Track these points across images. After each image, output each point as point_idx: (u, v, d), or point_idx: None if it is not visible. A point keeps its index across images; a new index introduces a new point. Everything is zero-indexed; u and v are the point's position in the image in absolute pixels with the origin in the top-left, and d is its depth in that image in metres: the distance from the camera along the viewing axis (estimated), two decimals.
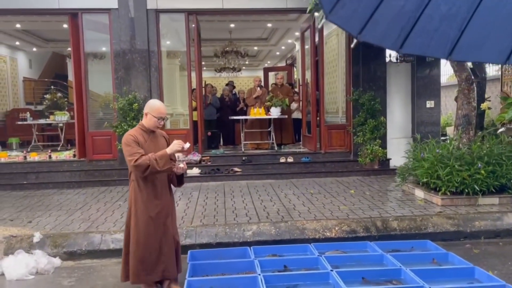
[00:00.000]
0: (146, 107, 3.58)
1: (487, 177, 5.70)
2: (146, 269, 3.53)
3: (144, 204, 3.51)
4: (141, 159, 3.35)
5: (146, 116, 3.57)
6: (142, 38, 8.29)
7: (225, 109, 11.00)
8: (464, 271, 3.80)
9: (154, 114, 3.54)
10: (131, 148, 3.41)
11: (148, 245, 3.53)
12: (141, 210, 3.52)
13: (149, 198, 3.53)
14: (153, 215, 3.53)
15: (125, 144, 3.45)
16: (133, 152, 3.39)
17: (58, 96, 13.17)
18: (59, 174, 8.20)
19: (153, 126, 3.59)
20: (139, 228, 3.51)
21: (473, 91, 6.32)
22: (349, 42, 8.71)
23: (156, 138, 3.66)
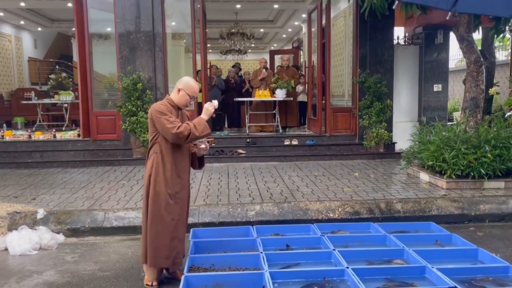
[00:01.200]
0: (180, 83, 3.37)
1: (493, 160, 5.63)
2: (160, 256, 3.33)
3: (165, 180, 3.31)
4: (182, 127, 3.19)
5: (179, 92, 3.36)
6: (147, 18, 8.20)
7: (230, 91, 10.93)
8: (468, 252, 3.78)
9: (189, 92, 3.36)
10: (169, 117, 3.23)
11: (164, 225, 3.32)
12: (160, 186, 3.31)
13: (172, 174, 3.33)
14: (173, 193, 3.34)
15: (160, 112, 3.23)
16: (172, 120, 3.22)
17: (63, 76, 13.14)
18: (64, 153, 8.22)
19: (184, 104, 3.40)
20: (156, 205, 3.31)
21: (481, 73, 6.21)
22: (357, 23, 8.57)
23: (183, 116, 3.48)
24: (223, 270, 3.52)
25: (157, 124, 3.25)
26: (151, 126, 3.34)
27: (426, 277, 3.31)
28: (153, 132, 3.35)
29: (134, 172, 7.29)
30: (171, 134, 3.20)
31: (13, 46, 13.91)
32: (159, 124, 3.24)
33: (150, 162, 3.36)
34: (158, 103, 3.36)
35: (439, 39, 8.96)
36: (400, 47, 9.16)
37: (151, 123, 3.32)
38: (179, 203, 3.39)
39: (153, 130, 3.34)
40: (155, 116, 3.25)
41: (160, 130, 3.25)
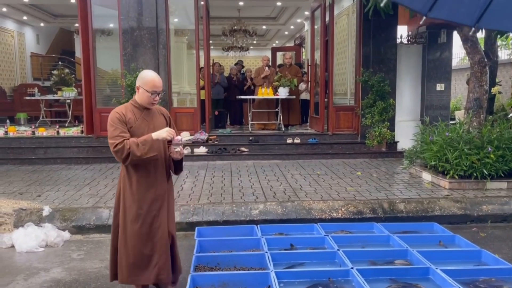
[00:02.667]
0: (137, 80, 3.00)
1: (496, 161, 5.67)
2: (136, 274, 3.06)
3: (133, 196, 2.99)
4: (121, 145, 2.81)
5: (138, 90, 2.98)
6: (150, 15, 8.21)
7: (233, 88, 10.94)
8: (471, 253, 3.80)
9: (146, 87, 2.94)
10: (114, 130, 2.86)
11: (137, 247, 3.02)
12: (129, 203, 3.00)
13: (139, 189, 2.99)
14: (144, 210, 3.01)
15: (109, 123, 2.90)
16: (115, 134, 2.84)
17: (66, 72, 13.14)
18: (67, 149, 8.25)
19: (147, 103, 2.99)
20: (126, 226, 3.01)
21: (485, 74, 6.23)
22: (360, 22, 8.57)
23: (151, 116, 3.06)
24: (228, 269, 3.55)
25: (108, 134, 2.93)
26: None
27: (430, 278, 3.34)
28: None
29: None
30: (112, 150, 2.87)
31: (15, 42, 13.91)
32: (108, 135, 2.91)
33: (120, 175, 3.11)
34: (116, 109, 2.99)
35: (443, 39, 8.97)
36: (403, 46, 9.17)
37: None
38: (153, 216, 3.05)
39: None
40: (108, 127, 2.92)
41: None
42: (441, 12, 2.02)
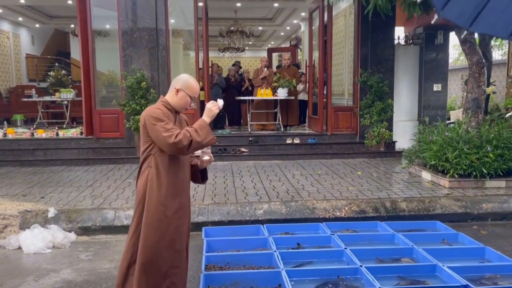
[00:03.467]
0: (177, 82, 2.83)
1: (495, 160, 5.76)
2: (150, 281, 2.79)
3: (160, 199, 2.75)
4: (181, 134, 2.63)
5: (177, 93, 2.80)
6: (150, 16, 8.22)
7: (231, 89, 10.98)
8: (475, 251, 3.88)
9: (189, 92, 2.81)
10: (166, 124, 2.66)
11: (158, 252, 2.77)
12: (155, 206, 2.75)
13: (168, 192, 2.78)
14: (170, 214, 2.79)
15: (156, 118, 2.67)
16: (169, 127, 2.65)
17: (62, 74, 13.09)
18: (67, 151, 8.24)
19: (183, 107, 2.84)
20: (149, 229, 2.74)
21: (483, 75, 6.34)
22: (358, 23, 8.66)
23: (181, 121, 2.94)
24: (238, 268, 3.59)
25: (152, 132, 2.69)
26: (144, 135, 2.76)
27: (437, 275, 3.41)
28: (146, 142, 2.78)
29: None
30: (168, 145, 2.64)
31: (11, 43, 13.84)
32: (153, 132, 2.68)
33: (143, 178, 2.78)
34: (152, 106, 2.81)
35: (439, 40, 9.08)
36: (401, 47, 9.28)
37: (144, 131, 2.75)
38: (177, 225, 2.85)
39: (146, 139, 2.77)
40: (149, 123, 2.69)
41: (155, 139, 2.70)
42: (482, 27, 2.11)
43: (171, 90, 2.85)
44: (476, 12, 2.10)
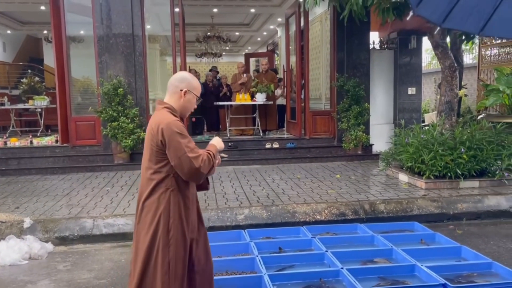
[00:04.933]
0: (182, 82, 2.47)
1: (468, 161, 5.92)
2: None
3: (187, 225, 2.42)
4: (206, 157, 2.35)
5: (185, 96, 2.45)
6: (126, 22, 8.14)
7: (209, 94, 10.95)
8: (452, 250, 3.98)
9: (196, 92, 2.51)
10: (189, 141, 2.32)
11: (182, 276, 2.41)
12: (183, 232, 2.40)
13: (192, 216, 2.49)
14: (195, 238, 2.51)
15: (180, 134, 2.31)
16: (193, 146, 2.34)
17: (36, 81, 12.80)
18: (42, 159, 8.05)
19: (189, 111, 2.53)
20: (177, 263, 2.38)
21: (455, 78, 6.52)
22: (334, 28, 8.78)
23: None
24: (220, 274, 3.58)
25: (174, 150, 2.30)
26: (159, 151, 2.36)
27: (416, 275, 3.49)
28: (161, 160, 2.37)
29: (117, 178, 7.23)
30: (191, 169, 2.30)
31: None
32: (176, 151, 2.29)
33: (161, 202, 2.37)
34: (166, 116, 2.38)
35: (413, 44, 9.30)
36: (376, 52, 9.45)
37: (159, 146, 2.34)
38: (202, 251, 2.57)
39: (161, 156, 2.36)
40: (173, 139, 2.29)
41: (175, 158, 2.30)
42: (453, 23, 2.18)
43: (174, 92, 2.47)
44: (448, 9, 2.18)
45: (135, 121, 7.81)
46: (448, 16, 2.18)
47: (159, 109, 2.46)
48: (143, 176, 2.46)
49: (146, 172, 2.43)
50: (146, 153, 2.45)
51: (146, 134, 2.45)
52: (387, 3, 6.24)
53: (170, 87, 2.50)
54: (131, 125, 7.67)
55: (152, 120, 2.43)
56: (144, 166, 2.45)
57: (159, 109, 2.46)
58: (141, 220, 2.42)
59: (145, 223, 2.39)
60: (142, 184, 2.45)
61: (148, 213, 2.39)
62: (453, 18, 2.17)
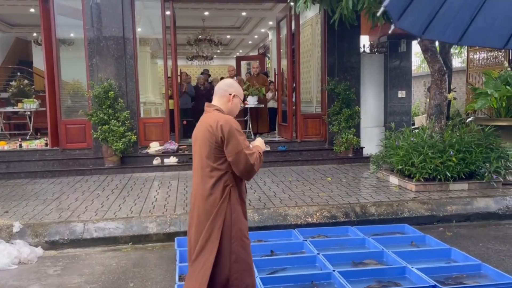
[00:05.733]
0: (231, 87, 2.65)
1: (457, 164, 5.98)
2: None
3: (241, 216, 2.56)
4: (259, 154, 2.53)
5: (232, 100, 2.63)
6: (117, 25, 8.11)
7: (200, 97, 10.94)
8: (442, 252, 4.03)
9: (241, 97, 2.69)
10: (245, 139, 2.50)
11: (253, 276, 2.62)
12: (244, 229, 2.57)
13: (244, 208, 2.63)
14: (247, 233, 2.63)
15: (239, 131, 2.48)
16: (248, 144, 2.52)
17: (25, 83, 12.68)
18: (31, 163, 7.98)
19: (235, 113, 2.68)
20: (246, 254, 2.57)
21: (445, 81, 6.59)
22: (325, 32, 8.84)
23: None
24: None
25: (233, 146, 2.43)
26: (218, 147, 2.46)
27: (406, 277, 3.52)
28: (221, 156, 2.48)
29: (108, 181, 7.19)
30: (247, 165, 2.44)
31: None
32: (235, 147, 2.43)
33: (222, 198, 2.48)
34: (222, 115, 2.56)
35: (402, 48, 9.39)
36: (366, 55, 9.53)
37: (218, 143, 2.45)
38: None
39: (219, 154, 2.47)
40: (233, 136, 2.43)
41: (232, 155, 2.43)
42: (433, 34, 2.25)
43: (222, 96, 2.63)
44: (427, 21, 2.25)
45: (126, 124, 7.78)
46: (428, 28, 2.26)
47: (210, 111, 2.60)
48: (198, 175, 2.57)
49: (203, 171, 2.53)
50: (202, 152, 2.53)
51: (201, 133, 2.53)
52: (377, 7, 6.29)
53: (218, 91, 2.66)
54: (122, 128, 7.64)
55: (206, 120, 2.54)
56: (200, 165, 2.55)
57: (210, 111, 2.60)
58: (201, 217, 2.51)
59: (206, 220, 2.48)
60: (198, 182, 2.56)
61: (209, 210, 2.49)
62: (433, 30, 2.25)
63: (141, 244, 4.80)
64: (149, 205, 5.60)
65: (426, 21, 2.25)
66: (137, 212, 5.26)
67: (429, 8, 2.22)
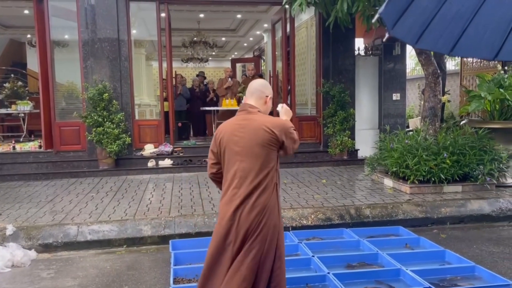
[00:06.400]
0: (267, 89, 2.73)
1: (451, 166, 6.01)
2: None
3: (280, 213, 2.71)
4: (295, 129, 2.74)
5: (268, 101, 2.73)
6: (112, 27, 8.09)
7: (195, 100, 10.96)
8: (436, 254, 4.04)
9: (272, 96, 2.80)
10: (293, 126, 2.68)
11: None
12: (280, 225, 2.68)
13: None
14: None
15: (292, 127, 2.66)
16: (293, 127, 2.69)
17: (19, 85, 12.61)
18: (25, 165, 7.93)
19: (267, 114, 2.77)
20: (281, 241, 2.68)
21: (439, 84, 6.63)
22: (320, 35, 8.87)
23: None
24: None
25: (290, 140, 2.60)
26: (272, 150, 2.56)
27: (401, 279, 3.53)
28: (273, 159, 2.59)
29: (102, 184, 7.16)
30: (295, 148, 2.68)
31: None
32: (291, 140, 2.62)
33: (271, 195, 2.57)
34: (277, 118, 2.70)
35: (397, 51, 9.43)
36: (361, 58, 9.56)
37: (277, 144, 2.57)
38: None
39: (273, 154, 2.58)
40: (289, 132, 2.60)
41: (290, 145, 2.61)
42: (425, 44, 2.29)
43: (260, 98, 2.70)
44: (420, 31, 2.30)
45: (120, 127, 7.75)
46: (421, 37, 2.31)
47: (255, 112, 2.65)
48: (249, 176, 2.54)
49: (255, 173, 2.53)
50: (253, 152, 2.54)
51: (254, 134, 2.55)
52: (372, 11, 6.33)
53: (256, 92, 2.71)
54: (117, 131, 7.62)
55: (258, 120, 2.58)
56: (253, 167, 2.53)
57: (255, 112, 2.65)
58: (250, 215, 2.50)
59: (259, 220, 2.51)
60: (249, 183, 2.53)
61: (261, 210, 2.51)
62: (425, 40, 2.31)
63: (136, 246, 4.78)
64: (143, 208, 5.58)
65: (419, 31, 2.28)
66: (132, 215, 5.24)
67: (423, 18, 2.25)
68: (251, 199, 2.51)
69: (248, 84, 8.93)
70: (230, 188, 2.58)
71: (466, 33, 2.21)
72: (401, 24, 2.28)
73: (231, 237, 2.54)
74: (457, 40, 2.24)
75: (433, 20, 2.22)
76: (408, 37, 2.38)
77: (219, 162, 2.71)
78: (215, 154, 2.72)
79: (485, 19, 2.18)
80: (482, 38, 2.21)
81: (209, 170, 2.80)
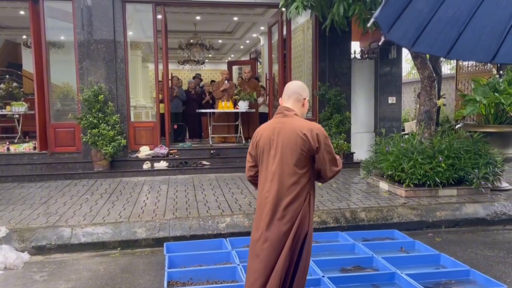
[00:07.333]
0: (304, 91, 2.65)
1: (447, 170, 6.02)
2: None
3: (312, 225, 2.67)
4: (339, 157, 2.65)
5: (305, 104, 2.67)
6: (108, 29, 8.08)
7: (191, 102, 10.94)
8: (431, 257, 4.04)
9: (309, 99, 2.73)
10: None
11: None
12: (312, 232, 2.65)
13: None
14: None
15: (328, 137, 2.54)
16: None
17: (14, 86, 12.54)
18: (19, 167, 7.88)
19: (304, 117, 2.70)
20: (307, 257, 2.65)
21: (434, 88, 6.65)
22: (316, 38, 8.89)
23: None
24: (201, 283, 3.56)
25: (327, 154, 2.48)
26: (308, 155, 2.47)
27: (396, 282, 3.52)
28: (307, 164, 2.49)
29: (97, 186, 7.12)
30: (335, 172, 2.55)
31: None
32: (329, 154, 2.49)
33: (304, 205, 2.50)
34: (308, 122, 2.56)
35: (393, 54, 9.46)
36: (357, 61, 9.58)
37: (311, 150, 2.46)
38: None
39: (308, 160, 2.50)
40: (327, 145, 2.48)
41: (326, 160, 2.48)
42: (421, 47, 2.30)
43: (297, 100, 2.63)
44: (417, 35, 2.29)
45: (115, 128, 7.73)
46: (417, 41, 2.31)
47: (291, 115, 2.57)
48: (280, 181, 2.49)
49: (287, 178, 2.47)
50: (288, 158, 2.48)
51: (287, 139, 2.49)
52: (368, 14, 6.35)
53: (293, 94, 2.63)
54: (112, 132, 7.59)
55: (293, 124, 2.51)
56: (281, 170, 2.48)
57: (291, 116, 2.57)
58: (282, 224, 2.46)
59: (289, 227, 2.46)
60: (280, 188, 2.48)
61: (292, 217, 2.46)
62: (422, 43, 2.31)
63: (130, 249, 4.75)
64: (138, 210, 5.55)
65: (415, 35, 2.29)
66: (126, 217, 5.21)
67: (418, 21, 2.25)
68: (285, 205, 2.47)
69: (244, 87, 8.90)
70: (263, 191, 2.56)
71: (463, 36, 2.22)
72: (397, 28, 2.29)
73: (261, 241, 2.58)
74: (454, 43, 2.24)
75: (429, 23, 2.23)
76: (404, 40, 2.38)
77: (256, 165, 2.66)
78: (252, 157, 2.69)
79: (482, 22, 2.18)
80: (478, 40, 2.22)
81: (247, 172, 2.75)
